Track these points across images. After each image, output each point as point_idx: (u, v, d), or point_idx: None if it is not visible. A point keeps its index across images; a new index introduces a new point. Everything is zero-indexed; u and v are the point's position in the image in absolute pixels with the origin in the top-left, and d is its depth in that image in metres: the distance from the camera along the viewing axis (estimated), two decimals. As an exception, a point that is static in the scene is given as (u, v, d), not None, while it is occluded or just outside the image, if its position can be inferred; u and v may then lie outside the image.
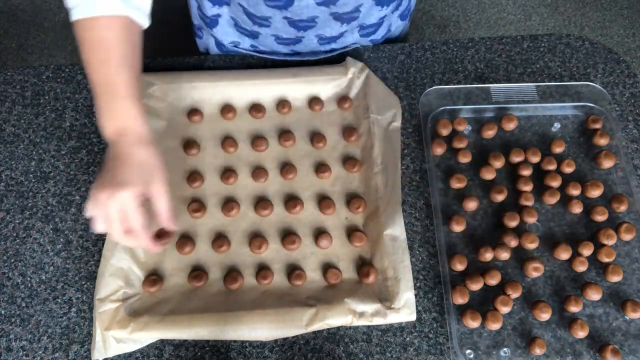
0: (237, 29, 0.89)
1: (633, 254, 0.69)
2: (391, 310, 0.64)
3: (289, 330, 0.64)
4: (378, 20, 0.87)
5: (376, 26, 0.88)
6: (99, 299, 0.66)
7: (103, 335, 0.64)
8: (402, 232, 0.69)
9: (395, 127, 0.77)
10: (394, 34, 0.96)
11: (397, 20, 0.93)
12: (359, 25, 0.86)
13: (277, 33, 0.86)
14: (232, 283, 0.68)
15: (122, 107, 0.60)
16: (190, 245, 0.71)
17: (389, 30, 0.93)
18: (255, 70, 0.82)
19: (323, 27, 0.84)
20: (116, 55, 0.61)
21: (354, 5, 0.81)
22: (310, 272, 0.69)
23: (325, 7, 0.80)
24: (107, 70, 0.61)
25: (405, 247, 0.68)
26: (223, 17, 0.88)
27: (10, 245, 0.72)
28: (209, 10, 0.88)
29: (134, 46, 0.63)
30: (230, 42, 0.92)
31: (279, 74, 0.81)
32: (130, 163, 0.59)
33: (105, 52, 0.61)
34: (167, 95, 0.81)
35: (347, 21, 0.84)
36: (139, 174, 0.59)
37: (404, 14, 0.93)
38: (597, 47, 0.86)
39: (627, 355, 0.63)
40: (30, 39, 2.02)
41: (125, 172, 0.59)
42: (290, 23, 0.83)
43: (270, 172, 0.76)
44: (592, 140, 0.76)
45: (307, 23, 0.83)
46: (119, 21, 0.61)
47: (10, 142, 0.80)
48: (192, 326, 0.64)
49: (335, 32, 0.86)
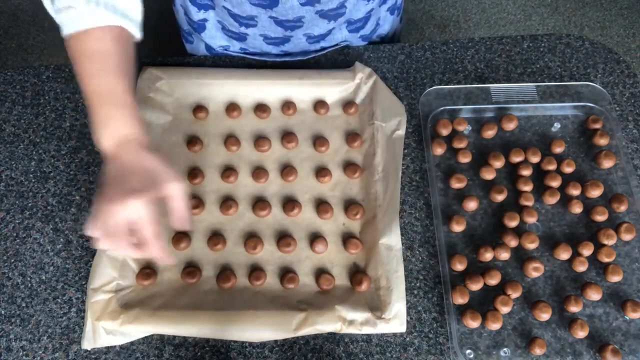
0: (225, 33, 0.89)
1: (633, 254, 0.69)
2: (381, 320, 0.64)
3: (278, 333, 0.64)
4: (365, 15, 0.87)
5: (364, 20, 0.88)
6: (92, 289, 0.66)
7: (93, 325, 0.64)
8: (398, 241, 0.69)
9: (399, 135, 0.77)
10: (385, 30, 0.95)
11: (386, 15, 0.93)
12: (346, 21, 0.86)
13: (264, 32, 0.86)
14: (224, 282, 0.68)
15: (122, 115, 0.59)
16: (186, 241, 0.71)
17: (378, 24, 0.93)
18: (262, 70, 0.82)
19: (311, 26, 0.84)
20: (111, 65, 0.60)
21: (338, 2, 0.81)
22: (303, 276, 0.69)
23: (310, 7, 0.79)
24: (104, 80, 0.59)
25: (400, 257, 0.68)
26: (210, 21, 0.88)
27: (10, 245, 0.72)
28: (195, 15, 0.88)
29: (127, 56, 0.62)
30: (220, 46, 0.92)
31: (287, 75, 0.82)
32: (137, 170, 0.57)
33: (99, 63, 0.60)
34: (173, 91, 0.82)
35: (334, 18, 0.84)
36: (148, 180, 0.56)
37: (393, 8, 0.93)
38: (597, 47, 0.86)
39: (627, 355, 0.63)
40: (30, 39, 2.02)
41: (133, 180, 0.56)
42: (277, 22, 0.83)
43: (271, 173, 0.76)
44: (592, 140, 0.76)
45: (293, 23, 0.83)
46: (111, 32, 0.60)
47: (10, 142, 0.80)
48: (182, 323, 0.64)
49: (323, 30, 0.86)
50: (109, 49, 0.60)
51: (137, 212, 0.55)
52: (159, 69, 0.82)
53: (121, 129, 0.59)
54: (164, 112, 0.80)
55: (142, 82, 0.81)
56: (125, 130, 0.59)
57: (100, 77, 0.59)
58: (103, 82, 0.59)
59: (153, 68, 0.82)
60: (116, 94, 0.59)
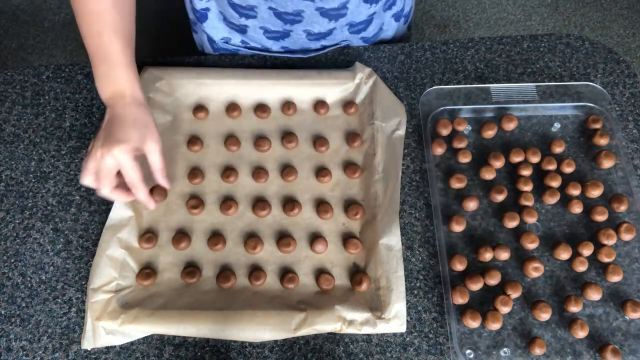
0: (227, 24, 0.90)
1: (633, 254, 0.69)
2: (381, 320, 0.64)
3: (277, 333, 0.63)
4: (367, 18, 0.87)
5: (366, 23, 0.88)
6: (92, 289, 0.66)
7: (93, 325, 0.64)
8: (398, 242, 0.69)
9: (399, 135, 0.77)
10: (388, 35, 0.95)
11: (390, 21, 0.93)
12: (348, 23, 0.86)
13: (264, 25, 0.86)
14: (224, 282, 0.68)
15: (118, 73, 0.66)
16: (186, 241, 0.71)
17: (381, 29, 0.93)
18: (262, 70, 0.82)
19: (310, 22, 0.84)
20: (109, 25, 0.66)
21: (340, 2, 0.81)
22: (303, 276, 0.69)
23: (310, 2, 0.80)
24: (102, 40, 0.66)
25: (400, 257, 0.68)
26: (212, 10, 0.89)
27: (10, 245, 0.72)
28: (198, 4, 0.88)
29: (125, 15, 0.68)
30: (221, 38, 0.92)
31: (287, 75, 0.81)
32: (126, 122, 0.65)
33: (98, 24, 0.66)
34: (174, 91, 0.82)
35: (335, 18, 0.84)
36: (134, 132, 0.64)
37: (398, 15, 0.93)
38: (597, 47, 0.86)
39: (627, 355, 0.63)
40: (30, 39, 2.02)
41: (121, 130, 0.64)
42: (277, 14, 0.83)
43: (271, 173, 0.76)
44: (592, 140, 0.76)
45: (293, 16, 0.83)
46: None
47: (10, 142, 0.80)
48: (182, 323, 0.64)
49: (323, 29, 0.86)
50: (108, 10, 0.66)
51: (121, 159, 0.63)
52: (159, 69, 0.82)
53: (117, 85, 0.67)
54: (164, 112, 0.80)
55: (142, 81, 0.81)
56: (120, 86, 0.66)
57: (99, 37, 0.66)
58: (102, 42, 0.66)
59: (153, 68, 0.82)
60: (113, 54, 0.66)
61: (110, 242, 0.69)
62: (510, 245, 0.69)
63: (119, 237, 0.70)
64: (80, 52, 1.97)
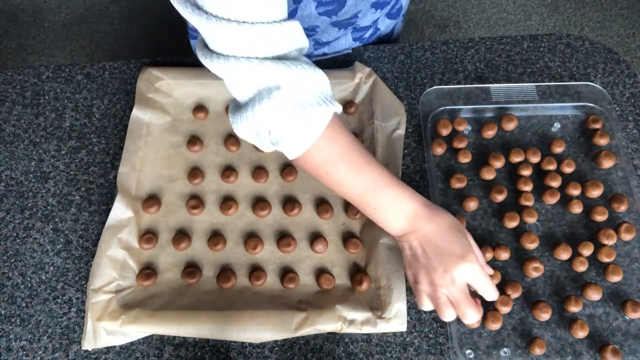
0: None
1: (633, 254, 0.69)
2: (382, 320, 0.64)
3: (278, 333, 0.64)
4: (371, 23, 0.88)
5: (368, 28, 0.89)
6: (92, 290, 0.66)
7: (94, 326, 0.64)
8: None
9: (398, 134, 0.77)
10: (383, 33, 0.95)
11: (384, 19, 0.93)
12: (353, 28, 0.87)
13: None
14: (224, 282, 0.68)
15: (400, 192, 0.60)
16: (186, 241, 0.71)
17: (377, 29, 0.93)
18: None
19: (322, 33, 0.84)
20: (356, 155, 0.60)
21: (353, 12, 0.81)
22: (303, 275, 0.69)
23: (327, 17, 0.80)
24: (364, 171, 0.60)
25: (400, 257, 0.68)
26: None
27: (10, 245, 0.72)
28: None
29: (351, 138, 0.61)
30: None
31: None
32: (449, 233, 0.59)
33: (345, 163, 0.60)
34: (173, 91, 0.82)
35: (345, 26, 0.84)
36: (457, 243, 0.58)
37: (392, 13, 0.93)
38: (597, 47, 0.86)
39: (627, 355, 0.63)
40: (30, 39, 2.02)
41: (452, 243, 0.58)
42: None
43: (271, 173, 0.76)
44: (592, 140, 0.76)
45: (307, 31, 0.83)
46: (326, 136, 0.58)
47: (10, 142, 0.80)
48: (183, 323, 0.64)
49: (332, 37, 0.86)
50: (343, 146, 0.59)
51: (469, 272, 0.58)
52: (159, 69, 0.82)
53: (407, 205, 0.60)
54: (164, 112, 0.80)
55: (142, 82, 0.81)
56: (410, 205, 0.60)
57: (359, 172, 0.60)
58: (365, 173, 0.60)
59: (153, 68, 0.82)
60: (382, 177, 0.60)
61: (111, 242, 0.69)
62: (510, 245, 0.70)
63: (119, 237, 0.70)
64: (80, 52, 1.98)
